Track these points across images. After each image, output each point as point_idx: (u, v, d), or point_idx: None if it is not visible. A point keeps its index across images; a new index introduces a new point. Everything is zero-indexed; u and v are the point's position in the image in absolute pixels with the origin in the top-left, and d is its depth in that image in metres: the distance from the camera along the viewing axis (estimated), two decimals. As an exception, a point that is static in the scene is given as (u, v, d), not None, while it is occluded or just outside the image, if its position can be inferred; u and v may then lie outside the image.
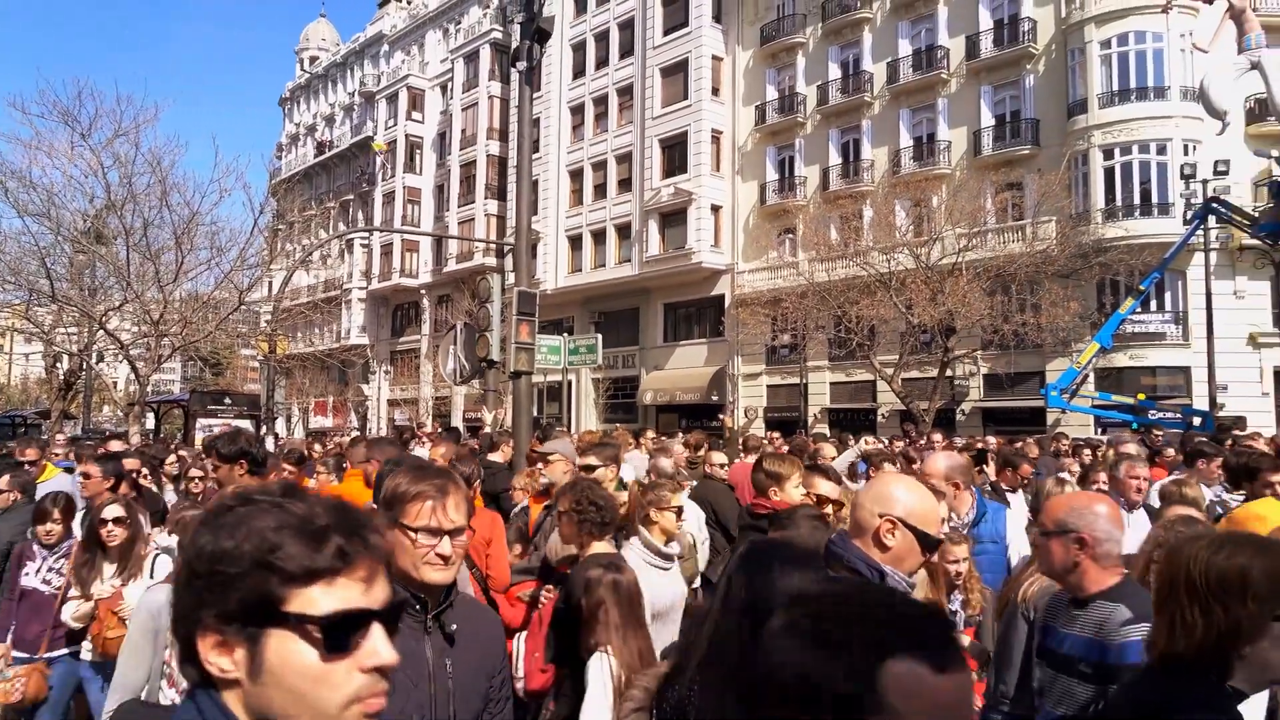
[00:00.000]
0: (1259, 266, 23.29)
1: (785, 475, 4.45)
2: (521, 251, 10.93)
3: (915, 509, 2.51)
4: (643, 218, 38.78)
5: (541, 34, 11.12)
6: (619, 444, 8.42)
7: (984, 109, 30.89)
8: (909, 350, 27.68)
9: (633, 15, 40.53)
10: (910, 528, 2.47)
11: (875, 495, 2.58)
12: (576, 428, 35.96)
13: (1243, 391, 24.87)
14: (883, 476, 2.82)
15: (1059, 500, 3.14)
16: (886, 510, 2.50)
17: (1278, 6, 23.49)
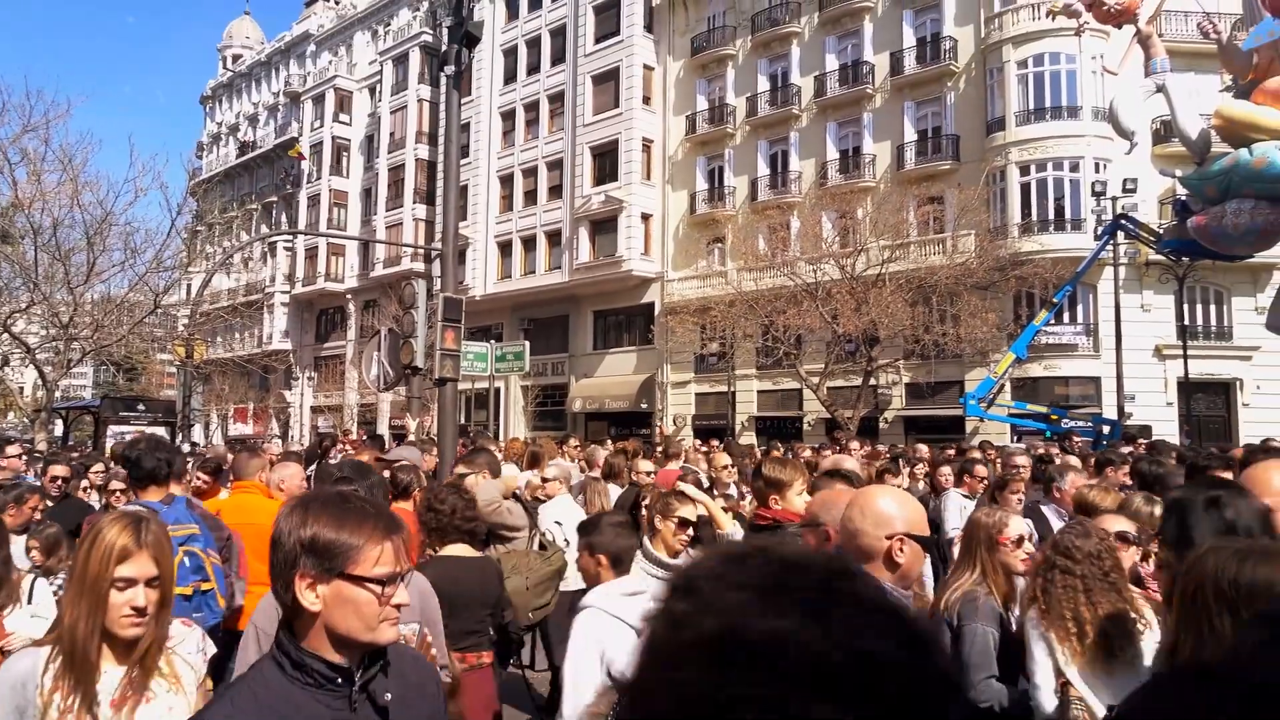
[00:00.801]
0: (1164, 281, 24.25)
1: (787, 482, 4.13)
2: (448, 257, 10.82)
3: (910, 517, 2.54)
4: (573, 225, 38.76)
5: (470, 39, 11.04)
6: (494, 452, 8.28)
7: (907, 124, 31.63)
8: (834, 359, 28.15)
9: (564, 22, 40.54)
10: (913, 538, 2.50)
11: (872, 518, 2.53)
12: (505, 435, 35.74)
13: (1149, 401, 25.86)
14: (863, 495, 2.70)
15: (815, 498, 3.46)
16: (891, 529, 2.48)
17: (1182, 33, 24.52)
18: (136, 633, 2.42)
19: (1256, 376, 26.86)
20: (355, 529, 1.78)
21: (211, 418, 50.69)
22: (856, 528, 2.53)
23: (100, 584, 2.39)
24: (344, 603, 1.75)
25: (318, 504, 1.83)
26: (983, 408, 21.74)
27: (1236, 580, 1.93)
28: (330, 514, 1.79)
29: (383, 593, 1.76)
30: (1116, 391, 23.70)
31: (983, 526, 3.70)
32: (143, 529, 2.50)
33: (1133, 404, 24.22)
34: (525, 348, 13.85)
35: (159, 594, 2.47)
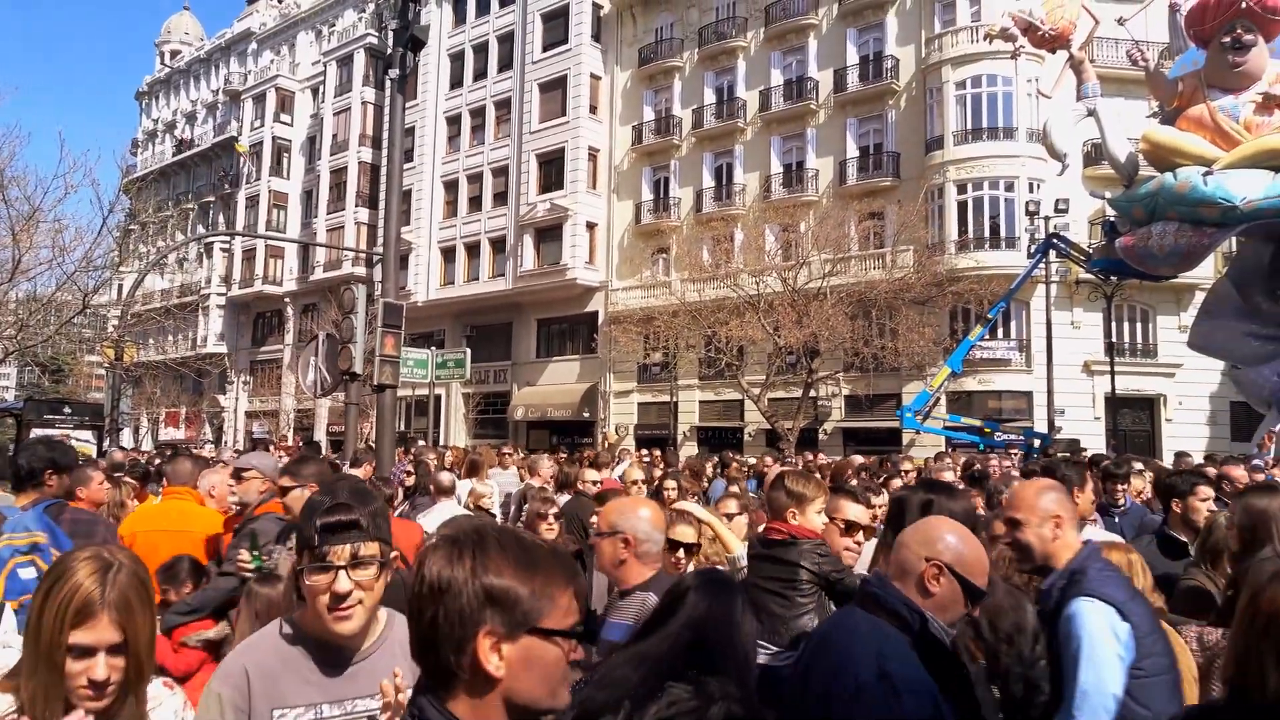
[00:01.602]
0: (1093, 299, 24.98)
1: (810, 498, 3.99)
2: (389, 262, 10.74)
3: (964, 557, 2.41)
4: (518, 232, 38.63)
5: (415, 42, 11.00)
6: (324, 462, 8.18)
7: (849, 140, 32.17)
8: (775, 371, 28.43)
9: (512, 29, 40.47)
10: (956, 576, 2.38)
11: (922, 537, 2.47)
12: (445, 443, 35.39)
13: (1078, 415, 26.60)
14: (933, 519, 2.64)
15: (609, 506, 3.49)
16: (933, 554, 2.40)
17: (1113, 59, 25.33)
18: (96, 708, 1.96)
19: (1179, 393, 27.80)
20: (546, 573, 1.53)
21: (141, 422, 49.34)
22: (903, 541, 2.51)
23: (55, 653, 1.94)
24: (532, 663, 1.49)
25: (491, 544, 1.53)
26: (919, 420, 22.10)
27: None
28: (514, 556, 1.52)
29: (571, 647, 1.55)
30: (1047, 406, 24.33)
31: None
32: (109, 579, 1.99)
33: (1062, 418, 24.88)
34: (467, 355, 13.79)
35: (127, 662, 1.99)
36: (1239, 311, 15.78)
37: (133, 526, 5.22)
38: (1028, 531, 2.95)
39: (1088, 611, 2.67)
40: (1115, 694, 2.61)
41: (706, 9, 36.36)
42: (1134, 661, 2.63)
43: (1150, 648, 2.67)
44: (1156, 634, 2.74)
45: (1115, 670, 2.61)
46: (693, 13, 36.71)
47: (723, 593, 2.39)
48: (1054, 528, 2.93)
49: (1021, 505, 3.01)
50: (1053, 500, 2.98)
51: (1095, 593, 2.70)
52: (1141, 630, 2.68)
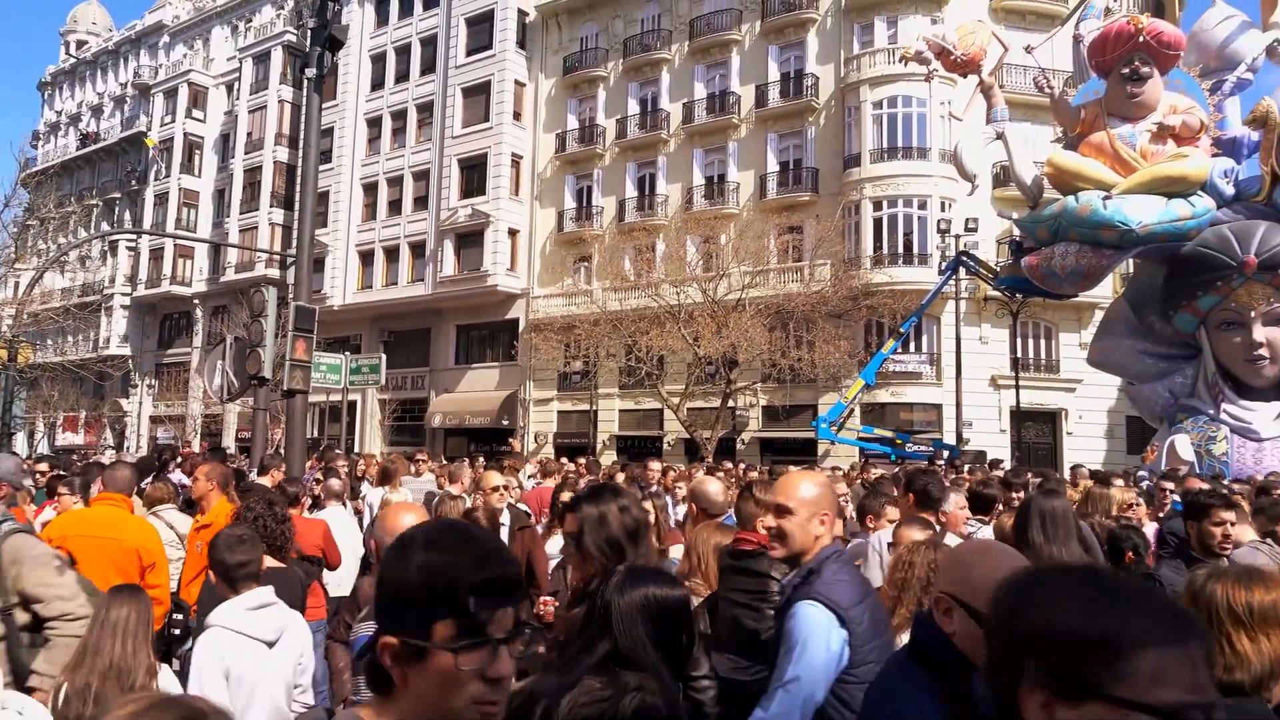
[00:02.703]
0: (1000, 316, 25.86)
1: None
2: (303, 264, 10.52)
3: (973, 582, 2.01)
4: (438, 237, 38.19)
5: (334, 42, 10.83)
6: (93, 468, 8.02)
7: (770, 155, 32.69)
8: (695, 381, 28.67)
9: (435, 32, 40.06)
10: (969, 609, 2.01)
11: (945, 565, 2.30)
12: (360, 450, 34.73)
13: (985, 428, 27.44)
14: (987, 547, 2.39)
15: (381, 514, 3.74)
16: (946, 586, 2.12)
17: (1021, 86, 26.28)
18: None
19: (1079, 407, 28.93)
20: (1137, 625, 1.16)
21: (38, 426, 47.18)
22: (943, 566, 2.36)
23: None
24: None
25: (1066, 580, 1.25)
26: (833, 431, 22.59)
27: (1249, 605, 2.16)
28: (1084, 593, 1.20)
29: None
30: (956, 418, 25.07)
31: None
32: None
33: (970, 430, 25.64)
34: (382, 360, 13.58)
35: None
36: (1134, 330, 16.58)
37: (63, 530, 5.02)
38: (792, 521, 2.91)
39: (808, 614, 2.69)
40: (814, 696, 2.64)
41: (631, 20, 36.59)
42: (846, 668, 2.65)
43: (866, 656, 2.67)
44: (877, 643, 2.74)
45: (823, 675, 2.64)
46: (618, 23, 36.90)
47: (636, 589, 2.49)
48: (819, 524, 2.92)
49: (791, 495, 2.98)
50: (824, 496, 2.99)
51: (821, 595, 2.71)
52: (860, 638, 2.69)
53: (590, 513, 2.92)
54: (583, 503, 3.00)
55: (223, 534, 3.62)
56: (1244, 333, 14.35)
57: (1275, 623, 2.14)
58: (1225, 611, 2.18)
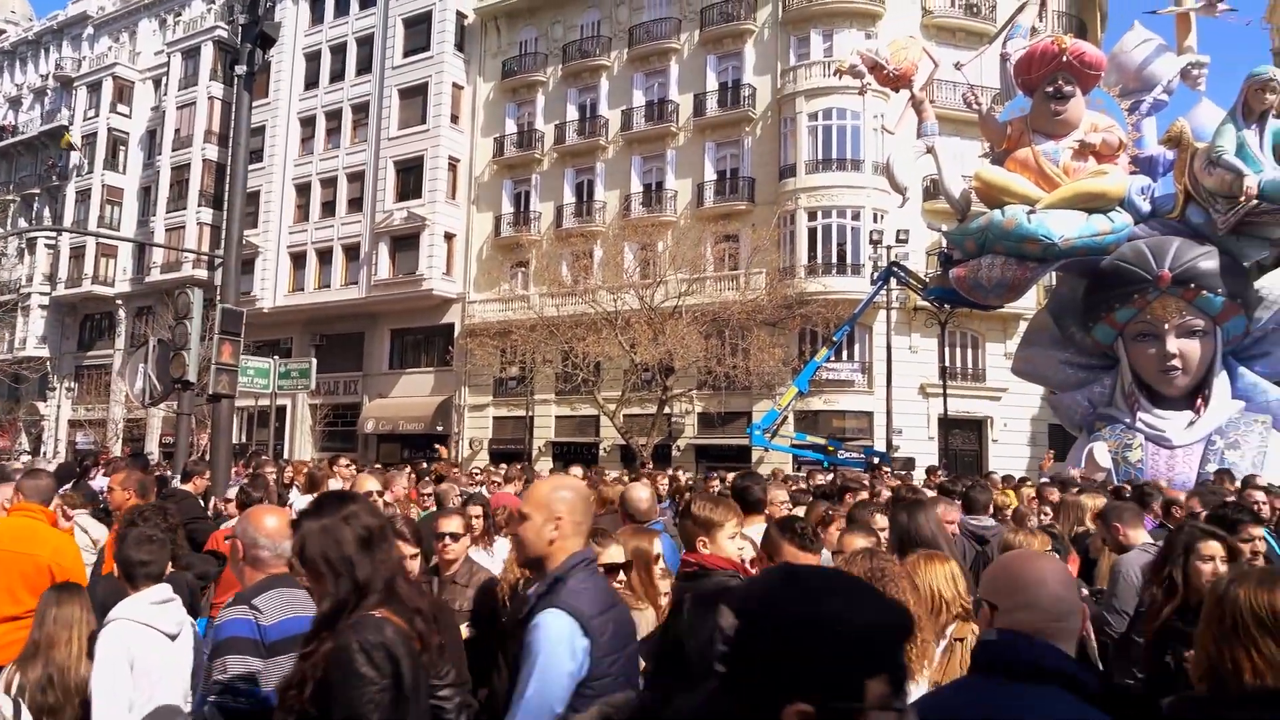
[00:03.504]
0: (929, 325, 26.43)
1: (718, 523, 3.59)
2: (231, 266, 10.30)
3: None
4: (373, 240, 37.68)
5: (265, 39, 10.65)
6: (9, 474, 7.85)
7: (708, 164, 32.97)
8: (631, 387, 28.74)
9: (372, 32, 39.56)
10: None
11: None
12: (290, 456, 34.07)
13: (914, 435, 28.00)
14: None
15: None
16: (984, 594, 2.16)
17: (950, 101, 26.92)
18: None
19: (1004, 415, 29.69)
20: None
21: (-54, 429, 45.26)
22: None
23: None
24: None
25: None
26: (767, 438, 22.82)
27: (1273, 607, 2.17)
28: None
29: None
30: (886, 425, 25.55)
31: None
32: None
33: (900, 437, 26.15)
34: (312, 364, 13.35)
35: None
36: (1056, 341, 17.08)
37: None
38: (528, 528, 2.82)
39: (550, 623, 2.62)
40: (555, 710, 2.59)
41: (571, 26, 36.59)
42: (585, 680, 2.60)
43: (607, 669, 2.63)
44: (620, 655, 2.71)
45: (562, 686, 2.58)
46: (557, 28, 36.87)
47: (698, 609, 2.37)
48: (554, 529, 2.78)
49: (530, 500, 2.92)
50: (562, 500, 2.84)
51: (565, 604, 2.64)
52: (602, 649, 2.63)
53: (311, 527, 2.63)
54: (304, 517, 2.70)
55: (134, 532, 3.60)
56: (1158, 344, 14.86)
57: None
58: (1249, 616, 2.18)
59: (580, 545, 2.86)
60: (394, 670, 2.41)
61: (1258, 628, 2.17)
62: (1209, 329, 14.72)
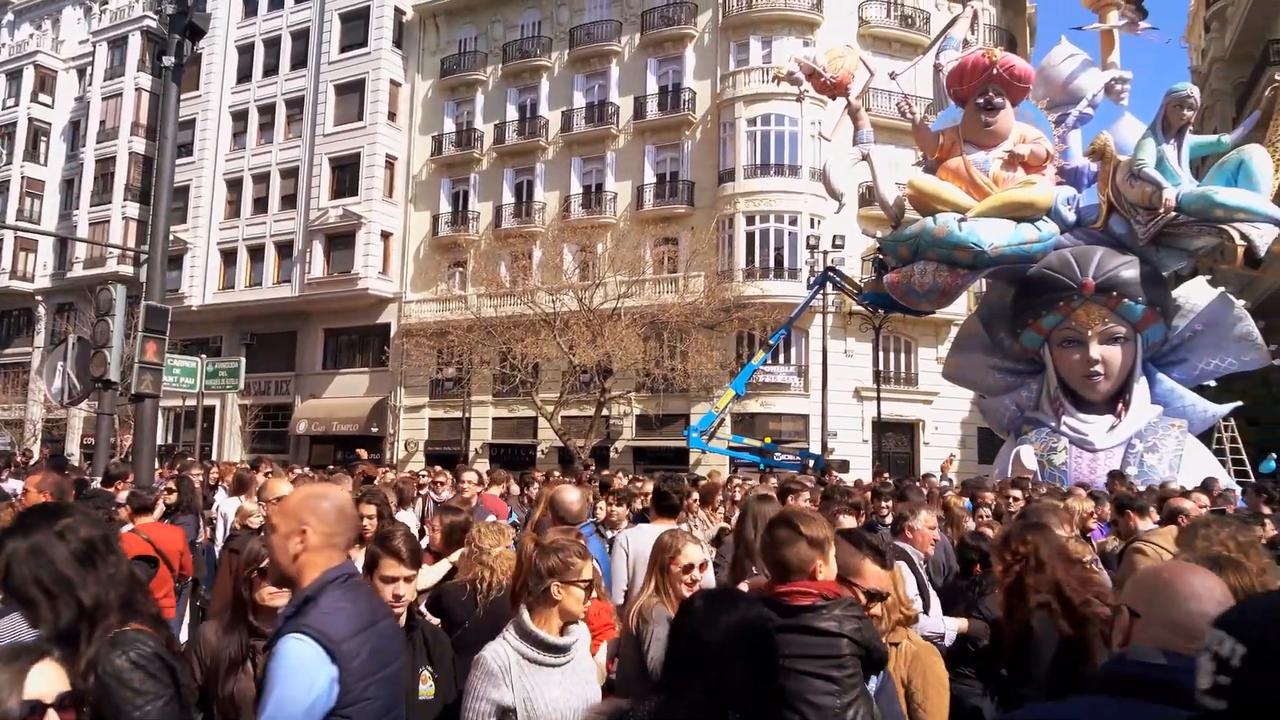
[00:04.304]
0: (864, 330, 26.85)
1: (830, 541, 3.15)
2: (156, 262, 10.01)
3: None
4: (307, 237, 36.99)
5: (195, 30, 10.38)
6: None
7: (647, 166, 33.05)
8: (569, 389, 28.67)
9: (308, 26, 38.86)
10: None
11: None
12: (219, 457, 33.26)
13: (849, 438, 28.42)
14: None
15: None
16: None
17: (885, 110, 27.37)
18: None
19: (935, 419, 30.30)
20: None
21: None
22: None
23: None
24: None
25: None
26: (705, 440, 22.93)
27: None
28: None
29: None
30: (821, 428, 25.88)
31: (662, 549, 3.90)
32: None
33: (835, 440, 26.52)
34: (241, 364, 13.05)
35: None
36: (985, 346, 17.49)
37: None
38: (275, 540, 2.59)
39: (290, 650, 2.39)
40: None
41: (511, 26, 36.39)
42: (336, 708, 2.40)
43: (361, 694, 2.45)
44: (374, 680, 2.51)
45: (299, 714, 2.36)
46: (497, 27, 36.64)
47: (728, 614, 2.30)
48: (299, 542, 2.54)
49: (281, 509, 2.68)
50: (309, 510, 2.59)
51: (311, 628, 2.40)
52: (354, 674, 2.44)
53: (16, 547, 2.30)
54: (6, 536, 2.36)
55: None
56: (1082, 350, 15.31)
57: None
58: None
59: (336, 560, 2.59)
60: (173, 679, 2.29)
61: None
62: (1130, 336, 15.21)
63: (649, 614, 3.72)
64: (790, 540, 3.04)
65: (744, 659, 2.19)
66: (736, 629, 2.21)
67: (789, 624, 2.90)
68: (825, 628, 2.91)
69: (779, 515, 3.40)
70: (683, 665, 2.23)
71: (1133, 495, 7.63)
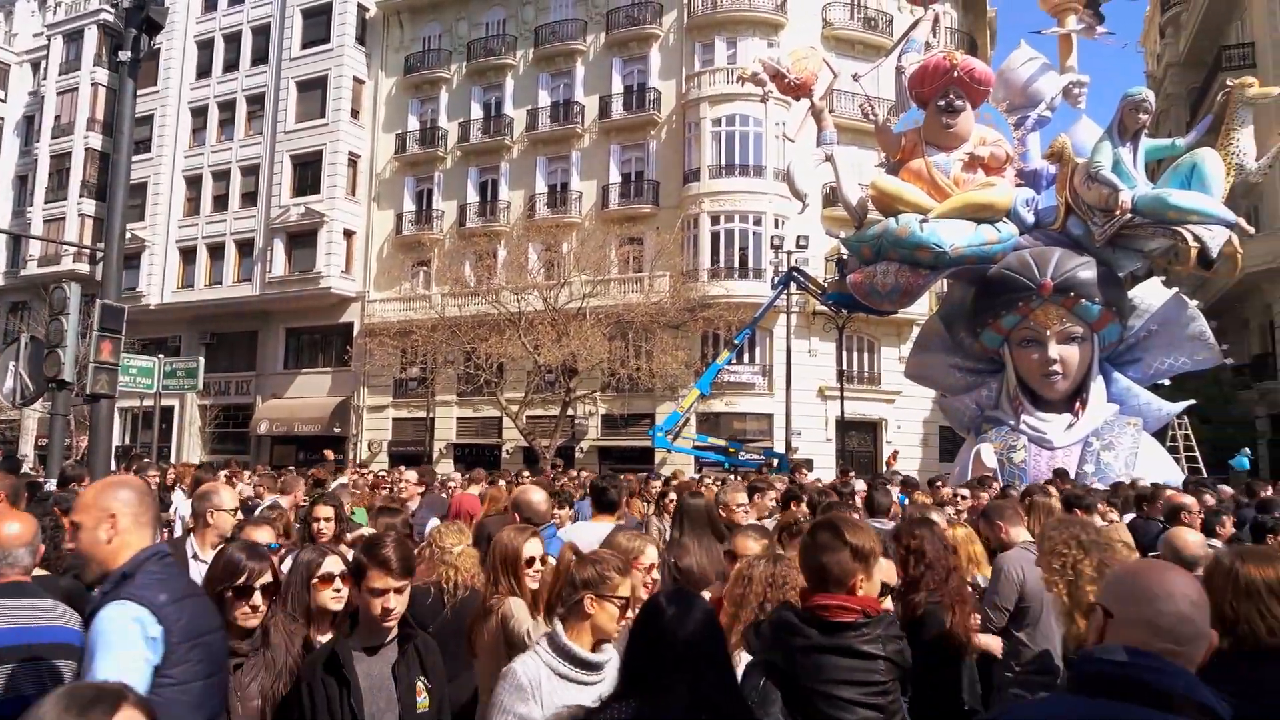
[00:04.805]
0: (827, 330, 27.03)
1: (877, 553, 2.95)
2: (112, 260, 9.83)
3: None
4: (268, 236, 36.54)
5: (152, 24, 10.22)
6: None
7: (613, 166, 33.03)
8: (534, 389, 28.58)
9: (269, 21, 38.38)
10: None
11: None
12: (178, 458, 32.76)
13: (812, 437, 28.61)
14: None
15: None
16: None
17: (848, 111, 27.60)
18: None
19: (898, 418, 30.59)
20: None
21: None
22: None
23: None
24: None
25: None
26: (669, 440, 22.99)
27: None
28: None
29: None
30: (786, 427, 26.03)
31: (624, 552, 3.77)
32: None
33: (799, 439, 26.68)
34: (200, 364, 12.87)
35: None
36: (946, 346, 17.68)
37: None
38: (83, 535, 2.69)
39: (112, 614, 2.51)
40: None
41: (476, 24, 36.20)
42: (160, 667, 2.52)
43: (184, 656, 2.57)
44: (196, 644, 2.63)
45: (139, 671, 2.45)
46: (462, 25, 36.44)
47: (694, 612, 2.26)
48: (109, 528, 2.68)
49: (79, 506, 2.78)
50: (112, 498, 2.73)
51: (134, 595, 2.54)
52: (178, 635, 2.56)
53: None
54: None
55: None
56: (1041, 350, 15.53)
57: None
58: (1264, 588, 2.51)
59: (148, 540, 2.73)
60: None
61: (1268, 594, 2.51)
62: (1087, 335, 15.46)
63: None
64: (833, 547, 2.83)
65: (714, 661, 2.13)
66: (704, 630, 2.16)
67: (827, 644, 2.72)
68: (869, 650, 2.73)
69: (825, 519, 3.23)
70: (654, 668, 2.17)
71: (1080, 493, 7.76)
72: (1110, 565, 3.57)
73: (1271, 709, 2.24)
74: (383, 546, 3.16)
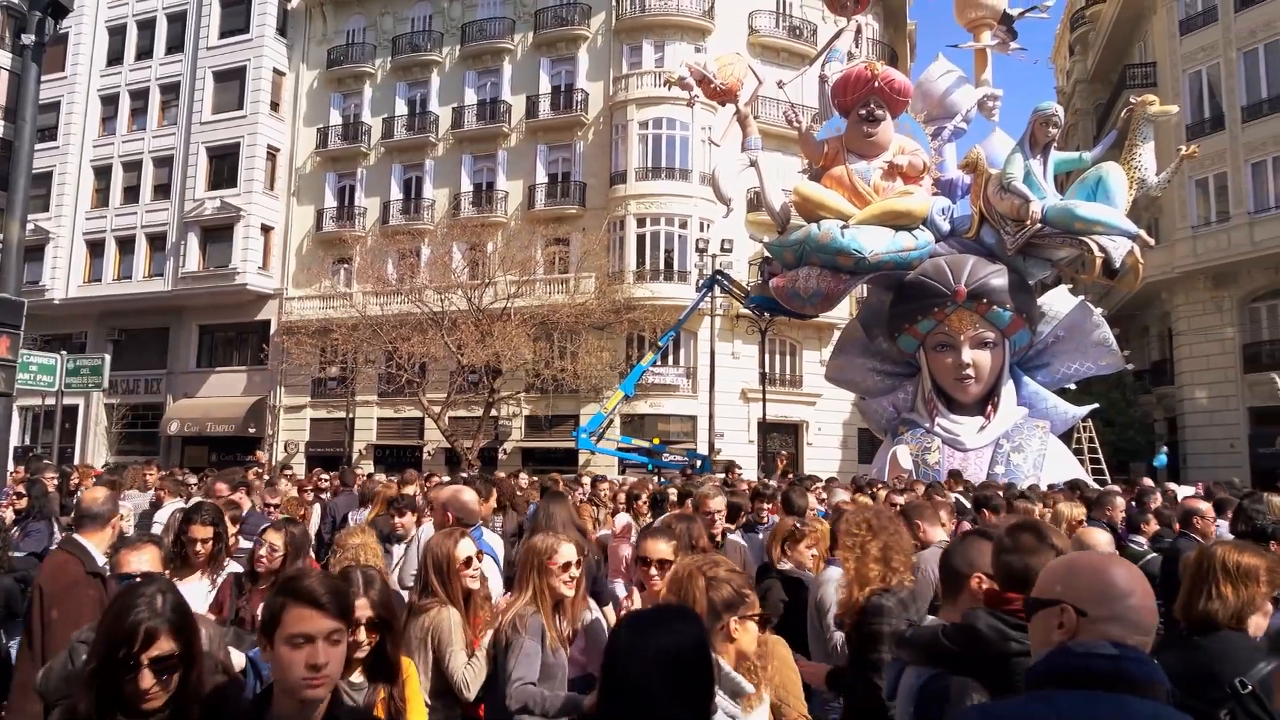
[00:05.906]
0: (750, 333, 27.38)
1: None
2: (11, 252, 9.43)
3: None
4: (181, 229, 35.42)
5: (58, 8, 9.83)
6: None
7: (539, 166, 32.89)
8: (457, 389, 28.28)
9: (185, 9, 37.23)
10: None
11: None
12: (82, 460, 31.52)
13: (735, 439, 28.89)
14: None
15: None
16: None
17: (773, 118, 27.99)
18: None
19: (818, 420, 31.13)
20: None
21: None
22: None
23: None
24: None
25: None
26: (593, 441, 22.99)
27: (1239, 563, 2.91)
28: None
29: None
30: (709, 429, 26.25)
31: (537, 551, 3.80)
32: None
33: (722, 441, 26.92)
34: (105, 361, 12.43)
35: None
36: (865, 349, 18.08)
37: None
38: None
39: None
40: None
41: (401, 19, 35.70)
42: None
43: None
44: None
45: None
46: (387, 20, 35.89)
47: (649, 636, 2.08)
48: None
49: None
50: None
51: None
52: None
53: None
54: None
55: None
56: (954, 354, 16.01)
57: (1252, 579, 2.89)
58: (1220, 566, 2.91)
59: None
60: None
61: (1223, 575, 2.91)
62: (999, 341, 15.98)
63: (523, 624, 3.62)
64: (1036, 549, 2.76)
65: (667, 685, 1.99)
66: (662, 654, 2.02)
67: (1016, 650, 2.62)
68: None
69: (1024, 521, 3.10)
70: (606, 694, 2.09)
71: (989, 494, 8.06)
72: (895, 550, 3.83)
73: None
74: (305, 578, 2.29)
